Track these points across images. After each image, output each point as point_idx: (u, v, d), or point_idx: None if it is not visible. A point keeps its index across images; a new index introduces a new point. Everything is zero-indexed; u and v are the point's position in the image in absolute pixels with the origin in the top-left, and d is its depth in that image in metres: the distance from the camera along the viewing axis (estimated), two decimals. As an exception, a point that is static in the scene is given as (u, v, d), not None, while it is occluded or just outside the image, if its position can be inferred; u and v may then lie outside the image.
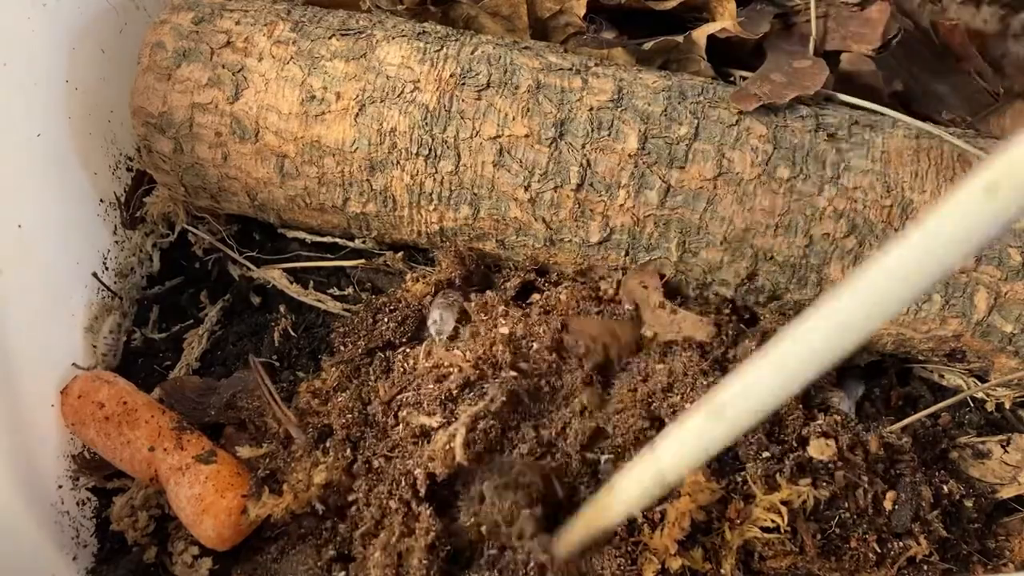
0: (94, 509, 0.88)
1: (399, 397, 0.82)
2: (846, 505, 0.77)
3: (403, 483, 0.76)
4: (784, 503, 0.75)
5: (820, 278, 0.88)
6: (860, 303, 0.44)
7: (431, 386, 0.81)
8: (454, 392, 0.80)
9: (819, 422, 0.81)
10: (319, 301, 1.00)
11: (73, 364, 0.91)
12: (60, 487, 0.86)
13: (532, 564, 0.71)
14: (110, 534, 0.86)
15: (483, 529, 0.73)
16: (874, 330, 0.46)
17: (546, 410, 0.81)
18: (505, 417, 0.78)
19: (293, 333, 0.98)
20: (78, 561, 0.85)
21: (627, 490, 0.63)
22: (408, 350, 0.87)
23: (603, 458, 0.78)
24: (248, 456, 0.83)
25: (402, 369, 0.85)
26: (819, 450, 0.77)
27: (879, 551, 0.76)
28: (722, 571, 0.74)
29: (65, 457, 0.88)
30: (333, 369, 0.86)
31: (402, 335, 0.89)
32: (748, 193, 0.86)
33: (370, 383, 0.85)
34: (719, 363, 0.84)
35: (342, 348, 0.90)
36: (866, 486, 0.77)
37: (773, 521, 0.74)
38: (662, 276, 0.91)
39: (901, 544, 0.77)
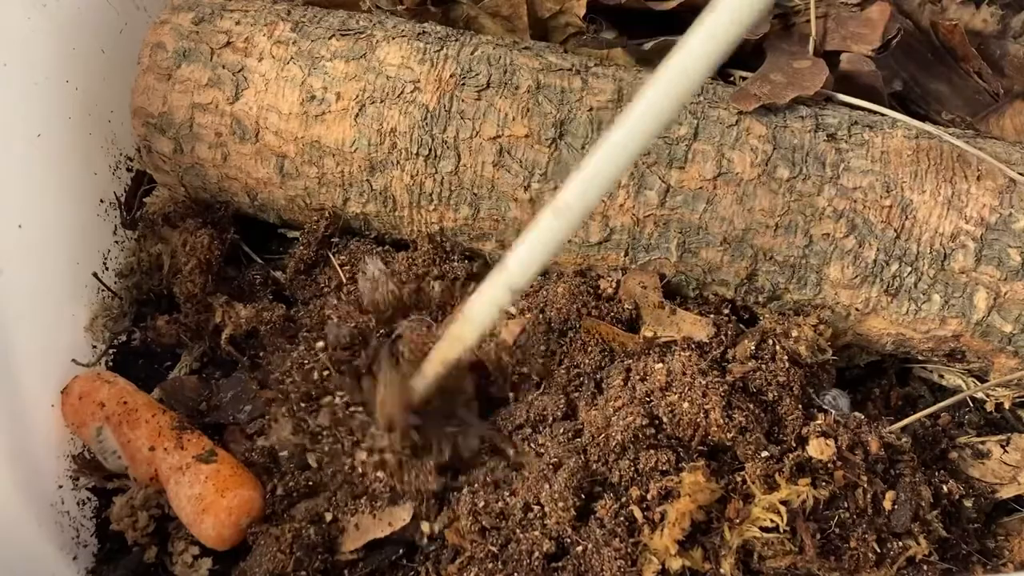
0: (94, 509, 0.88)
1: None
2: (846, 505, 0.77)
3: None
4: (783, 503, 0.75)
5: (820, 278, 0.88)
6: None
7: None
8: None
9: (819, 422, 0.81)
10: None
11: (73, 360, 0.91)
12: (60, 487, 0.86)
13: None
14: (110, 534, 0.86)
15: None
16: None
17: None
18: None
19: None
20: (78, 561, 0.84)
21: (480, 310, 0.70)
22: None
23: None
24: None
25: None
26: (819, 450, 0.77)
27: (879, 551, 0.76)
28: (722, 571, 0.74)
29: (65, 457, 0.88)
30: None
31: None
32: (748, 193, 0.86)
33: None
34: (718, 363, 0.84)
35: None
36: (865, 486, 0.77)
37: (772, 521, 0.74)
38: (662, 277, 0.91)
39: (901, 544, 0.77)
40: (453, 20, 1.05)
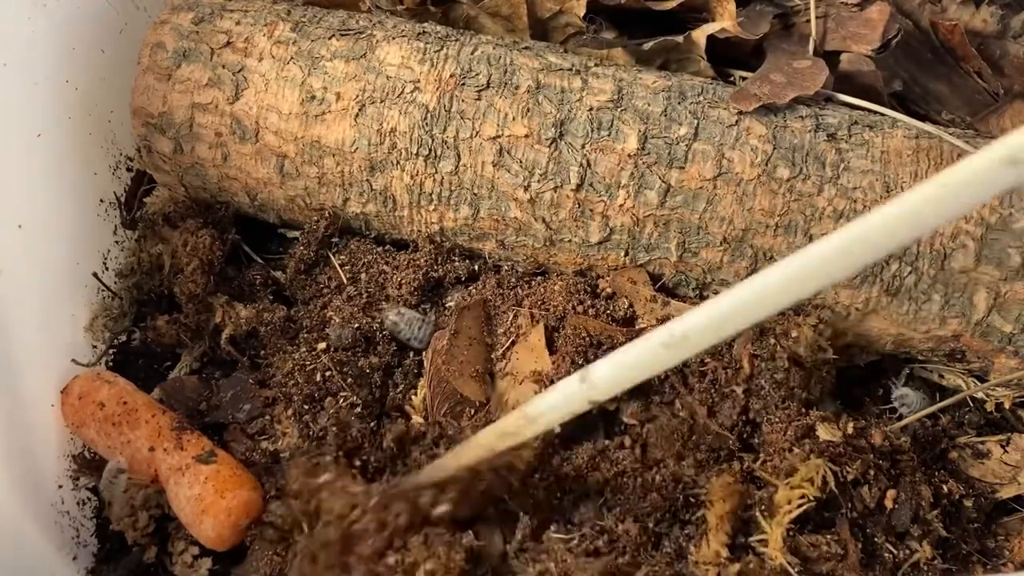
0: (94, 509, 0.88)
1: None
2: (850, 505, 0.76)
3: None
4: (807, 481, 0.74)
5: (820, 278, 0.88)
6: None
7: None
8: None
9: (820, 413, 0.81)
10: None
11: (73, 360, 0.91)
12: (60, 487, 0.86)
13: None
14: (110, 534, 0.86)
15: None
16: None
17: None
18: None
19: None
20: (78, 561, 0.84)
21: (546, 412, 0.64)
22: None
23: None
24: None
25: None
26: (828, 432, 0.77)
27: (894, 552, 0.76)
28: (775, 561, 0.71)
29: (65, 457, 0.88)
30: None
31: None
32: (748, 193, 0.86)
33: None
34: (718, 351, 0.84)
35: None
36: (872, 480, 0.77)
37: (803, 497, 0.73)
38: (660, 276, 0.91)
39: (908, 549, 0.76)
40: (453, 20, 1.05)
